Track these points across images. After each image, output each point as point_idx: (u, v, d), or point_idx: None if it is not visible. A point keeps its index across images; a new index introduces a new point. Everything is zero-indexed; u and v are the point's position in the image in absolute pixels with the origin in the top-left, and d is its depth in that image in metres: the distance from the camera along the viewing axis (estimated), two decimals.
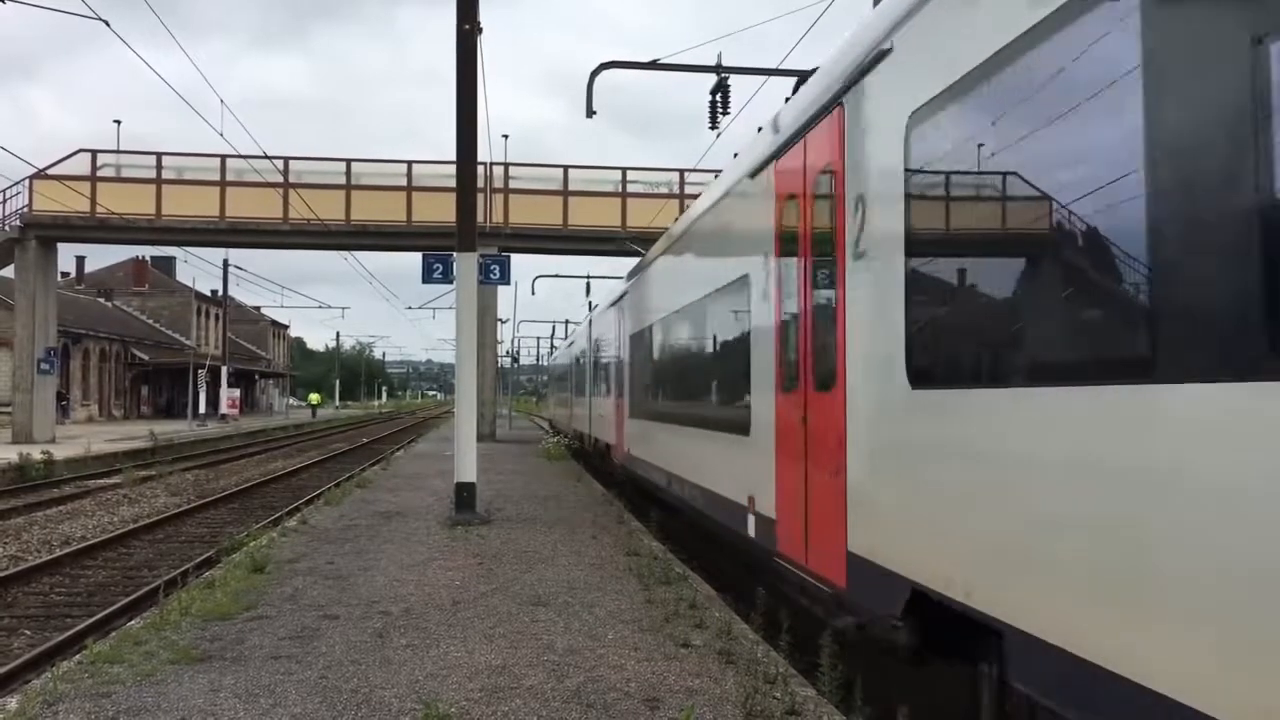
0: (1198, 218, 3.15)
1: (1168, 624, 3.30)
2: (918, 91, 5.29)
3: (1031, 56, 4.14)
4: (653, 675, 7.05)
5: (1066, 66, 3.90)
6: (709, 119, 18.31)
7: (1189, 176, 3.18)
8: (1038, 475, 4.10)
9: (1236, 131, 2.97)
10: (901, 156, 5.52)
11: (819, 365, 7.08)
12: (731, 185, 10.24)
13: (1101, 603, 3.66)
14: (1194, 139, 3.16)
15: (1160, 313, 3.37)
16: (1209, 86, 3.10)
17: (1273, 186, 2.84)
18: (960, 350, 5.05)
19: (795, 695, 6.51)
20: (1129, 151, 3.47)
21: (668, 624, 8.56)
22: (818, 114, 7.20)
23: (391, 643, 7.94)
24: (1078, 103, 3.81)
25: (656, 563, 11.49)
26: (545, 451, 32.41)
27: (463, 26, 15.10)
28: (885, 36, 5.88)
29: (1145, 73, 3.38)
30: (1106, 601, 3.63)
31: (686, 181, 38.22)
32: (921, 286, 5.38)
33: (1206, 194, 3.10)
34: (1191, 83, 3.17)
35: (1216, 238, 3.06)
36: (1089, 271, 3.97)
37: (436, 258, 16.32)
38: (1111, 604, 3.60)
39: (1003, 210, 4.62)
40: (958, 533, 4.79)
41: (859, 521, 6.11)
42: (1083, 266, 4.01)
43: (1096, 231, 3.82)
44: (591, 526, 14.86)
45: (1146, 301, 3.46)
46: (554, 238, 39.44)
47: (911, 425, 5.41)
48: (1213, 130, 3.08)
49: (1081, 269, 4.02)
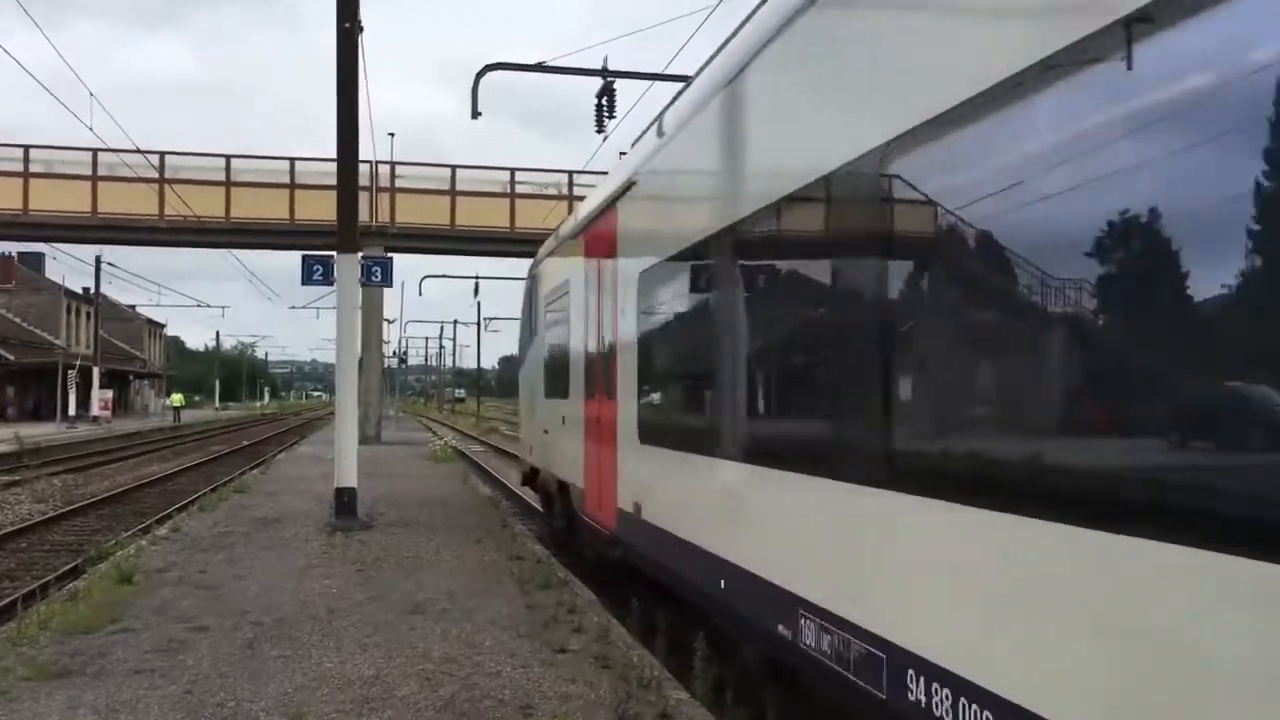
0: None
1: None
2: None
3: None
4: (528, 682, 7.05)
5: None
6: (595, 123, 18.36)
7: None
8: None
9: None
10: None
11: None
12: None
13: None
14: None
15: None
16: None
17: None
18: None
19: (669, 699, 6.58)
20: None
21: (546, 629, 8.57)
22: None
23: (262, 654, 7.78)
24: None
25: (539, 567, 11.48)
26: (433, 454, 32.06)
27: (343, 25, 14.86)
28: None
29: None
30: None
31: (575, 183, 38.22)
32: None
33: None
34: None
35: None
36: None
37: (317, 259, 16.02)
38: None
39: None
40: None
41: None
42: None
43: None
44: (476, 531, 14.76)
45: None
46: (441, 238, 39.12)
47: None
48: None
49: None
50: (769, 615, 5.72)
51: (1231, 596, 2.69)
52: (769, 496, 5.95)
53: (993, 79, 3.63)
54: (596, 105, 18.29)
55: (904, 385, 4.45)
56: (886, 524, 4.40)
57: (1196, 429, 3.01)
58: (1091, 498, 3.20)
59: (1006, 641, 3.62)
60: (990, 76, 3.64)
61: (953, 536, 3.90)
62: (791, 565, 5.56)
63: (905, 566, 4.29)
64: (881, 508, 4.41)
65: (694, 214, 7.52)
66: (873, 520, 4.54)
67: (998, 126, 3.69)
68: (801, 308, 5.65)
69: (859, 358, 4.71)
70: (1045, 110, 3.50)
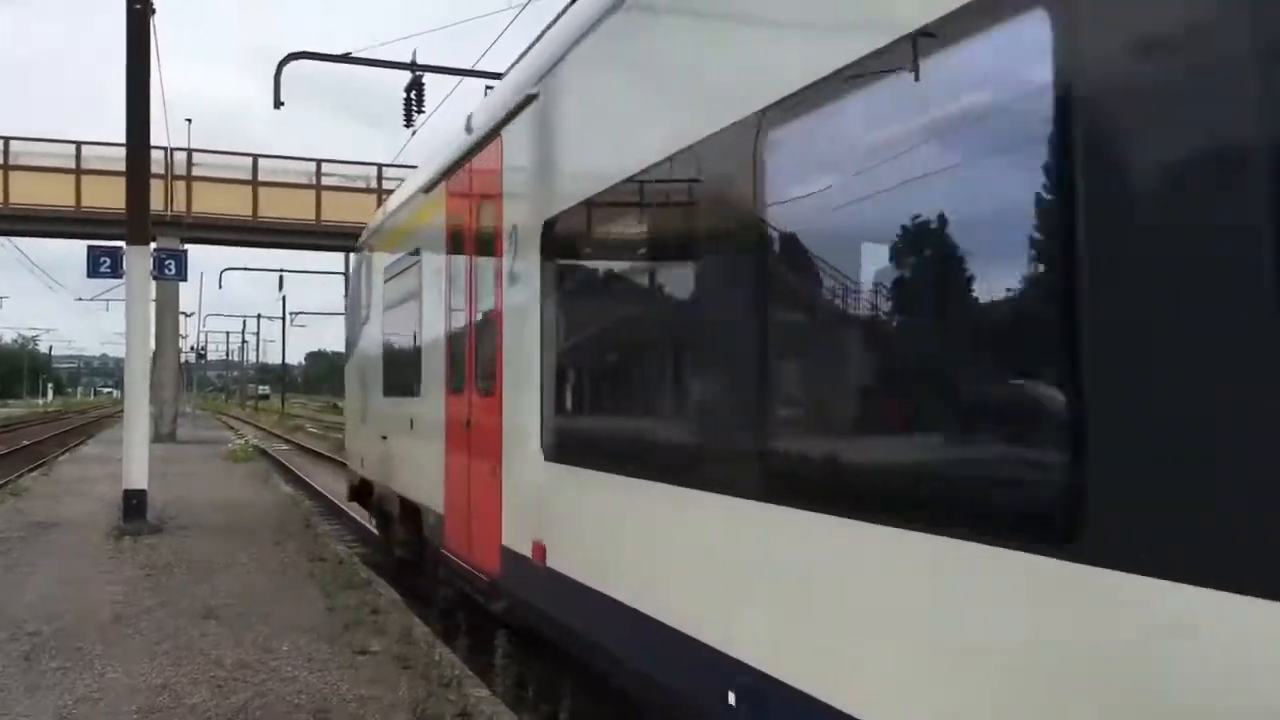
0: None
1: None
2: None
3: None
4: (325, 686, 6.94)
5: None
6: (404, 116, 18.11)
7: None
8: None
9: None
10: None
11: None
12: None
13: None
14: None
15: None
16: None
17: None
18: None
19: (469, 697, 6.61)
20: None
21: (347, 631, 8.43)
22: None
23: (40, 666, 7.39)
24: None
25: (341, 568, 11.27)
26: (231, 453, 30.89)
27: (134, 6, 14.17)
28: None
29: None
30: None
31: (385, 176, 37.47)
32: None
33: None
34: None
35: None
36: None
37: (104, 250, 15.19)
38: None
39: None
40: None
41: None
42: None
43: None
44: (276, 532, 14.33)
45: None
46: (243, 229, 37.71)
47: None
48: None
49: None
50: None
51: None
52: (792, 547, 3.86)
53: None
54: (405, 99, 18.04)
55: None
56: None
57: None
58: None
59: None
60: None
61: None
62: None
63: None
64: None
65: (643, 129, 5.19)
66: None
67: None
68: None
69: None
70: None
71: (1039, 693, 2.75)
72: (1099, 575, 2.53)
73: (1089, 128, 2.62)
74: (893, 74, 3.31)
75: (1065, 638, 2.67)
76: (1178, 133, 2.44)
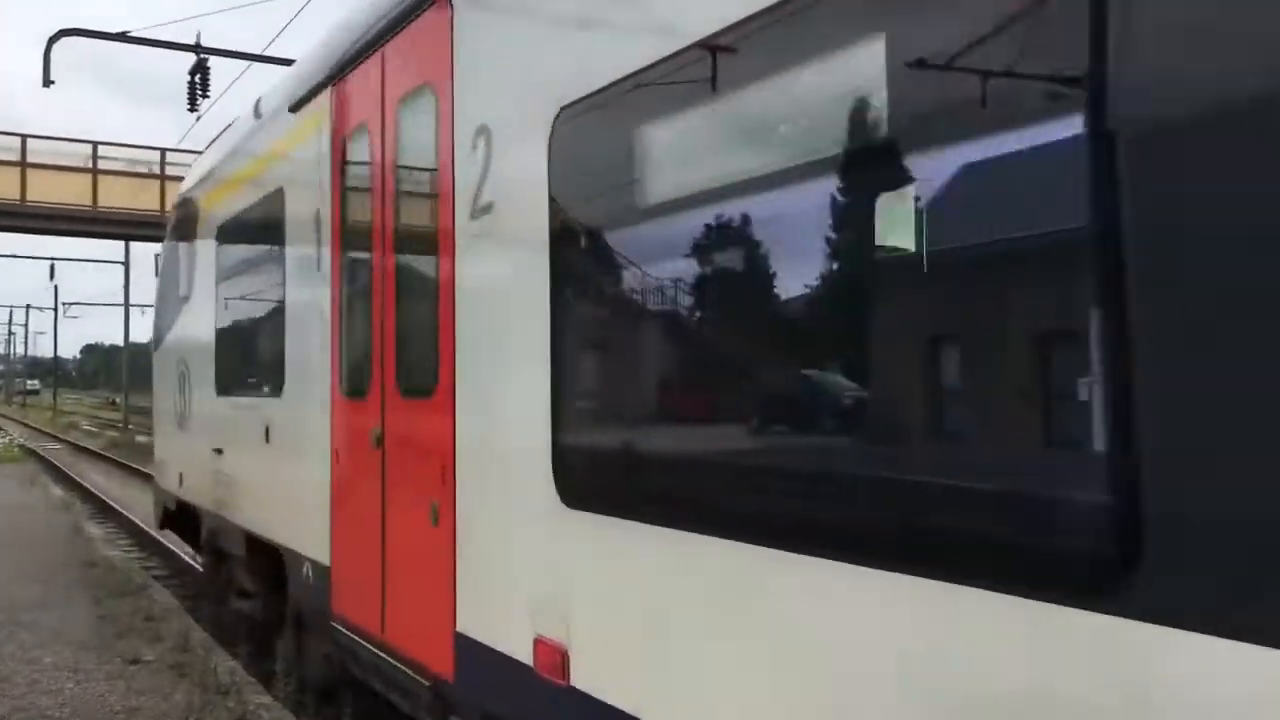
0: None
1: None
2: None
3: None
4: (93, 698, 6.65)
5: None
6: (187, 100, 17.38)
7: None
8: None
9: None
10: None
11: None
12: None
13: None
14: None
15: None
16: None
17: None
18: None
19: (249, 704, 6.46)
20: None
21: (120, 640, 8.09)
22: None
23: None
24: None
25: (114, 573, 10.76)
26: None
27: None
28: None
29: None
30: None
31: (169, 162, 35.69)
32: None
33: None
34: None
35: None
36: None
37: None
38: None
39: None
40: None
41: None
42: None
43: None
44: (44, 538, 13.53)
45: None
46: (10, 214, 35.16)
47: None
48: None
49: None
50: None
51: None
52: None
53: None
54: (190, 83, 17.29)
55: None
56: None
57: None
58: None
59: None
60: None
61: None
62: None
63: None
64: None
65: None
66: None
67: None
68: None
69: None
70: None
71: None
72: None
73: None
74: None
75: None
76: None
